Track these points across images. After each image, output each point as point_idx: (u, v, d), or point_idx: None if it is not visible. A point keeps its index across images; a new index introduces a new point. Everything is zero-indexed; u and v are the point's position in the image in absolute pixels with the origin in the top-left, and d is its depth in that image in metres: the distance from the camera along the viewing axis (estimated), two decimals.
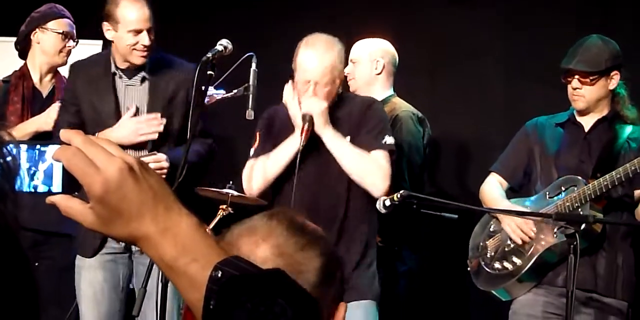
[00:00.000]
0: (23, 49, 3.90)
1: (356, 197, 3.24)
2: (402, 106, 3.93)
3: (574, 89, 3.35)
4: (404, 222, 3.77)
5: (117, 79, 3.54)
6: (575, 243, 2.78)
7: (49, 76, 3.90)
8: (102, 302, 3.42)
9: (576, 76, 3.33)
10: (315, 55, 3.19)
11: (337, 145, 3.19)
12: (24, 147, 1.07)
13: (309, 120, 3.16)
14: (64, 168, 0.98)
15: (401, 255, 3.92)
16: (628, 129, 3.37)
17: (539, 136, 3.51)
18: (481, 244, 3.55)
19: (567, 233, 2.85)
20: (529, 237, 3.35)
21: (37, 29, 3.83)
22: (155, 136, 3.43)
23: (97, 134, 3.43)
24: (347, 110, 3.28)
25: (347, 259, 3.12)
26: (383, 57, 4.01)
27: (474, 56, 4.87)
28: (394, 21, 4.87)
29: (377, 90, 3.95)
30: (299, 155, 3.15)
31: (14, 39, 3.99)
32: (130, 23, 3.40)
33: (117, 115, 3.49)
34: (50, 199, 1.01)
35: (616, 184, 3.13)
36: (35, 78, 3.88)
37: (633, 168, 3.08)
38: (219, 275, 0.90)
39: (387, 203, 2.91)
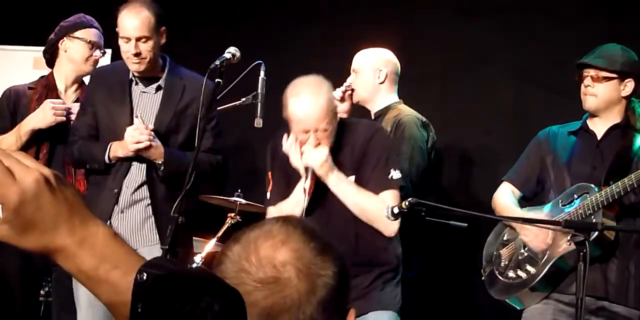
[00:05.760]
0: (51, 58, 3.94)
1: (366, 228, 3.22)
2: (406, 111, 3.94)
3: (586, 86, 3.35)
4: (409, 228, 3.76)
5: (134, 86, 3.65)
6: (584, 251, 2.75)
7: (75, 86, 3.92)
8: (97, 307, 3.39)
9: (590, 73, 3.34)
10: (305, 104, 3.12)
11: (344, 191, 3.17)
12: None
13: (311, 172, 3.16)
14: None
15: (406, 262, 3.91)
16: None
17: (551, 145, 3.50)
18: (495, 253, 3.54)
19: (577, 241, 2.83)
20: (546, 245, 3.34)
21: (65, 38, 3.87)
22: (145, 144, 3.46)
23: (110, 144, 3.53)
24: (350, 140, 3.25)
25: (370, 269, 3.18)
26: (385, 66, 4.01)
27: (482, 64, 4.87)
28: (403, 29, 4.88)
29: (381, 99, 3.97)
30: (305, 208, 3.17)
31: (17, 47, 4.00)
32: (122, 30, 3.55)
33: (130, 122, 3.56)
34: None
35: (628, 190, 3.12)
36: (61, 87, 3.90)
37: None
38: (144, 277, 0.90)
39: (396, 211, 2.88)
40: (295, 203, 3.22)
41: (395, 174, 3.20)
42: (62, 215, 0.96)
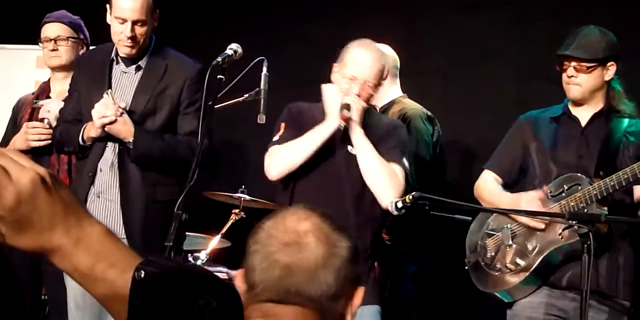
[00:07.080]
0: None
1: (363, 208, 3.24)
2: (411, 105, 3.96)
3: (569, 77, 3.29)
4: (415, 222, 3.77)
5: (115, 65, 3.55)
6: (588, 242, 2.75)
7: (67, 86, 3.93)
8: (84, 307, 3.35)
9: (572, 64, 3.27)
10: (369, 54, 3.23)
11: (363, 144, 3.19)
12: None
13: (347, 108, 3.14)
14: None
15: (411, 256, 3.91)
16: (625, 123, 3.31)
17: (532, 130, 3.43)
18: (479, 242, 3.45)
19: (581, 233, 2.80)
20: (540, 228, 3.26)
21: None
22: (111, 119, 3.34)
23: (85, 124, 3.44)
24: (372, 128, 3.28)
25: None
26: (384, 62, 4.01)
27: (485, 59, 4.87)
28: (406, 25, 4.89)
29: (384, 94, 3.97)
30: (338, 138, 3.19)
31: (19, 46, 4.04)
32: (117, 10, 3.40)
33: None
34: None
35: (623, 184, 3.06)
36: (55, 89, 3.93)
37: None
38: (142, 275, 0.91)
39: (400, 205, 2.89)
40: (302, 145, 3.19)
41: (406, 162, 3.29)
42: (58, 215, 0.96)
